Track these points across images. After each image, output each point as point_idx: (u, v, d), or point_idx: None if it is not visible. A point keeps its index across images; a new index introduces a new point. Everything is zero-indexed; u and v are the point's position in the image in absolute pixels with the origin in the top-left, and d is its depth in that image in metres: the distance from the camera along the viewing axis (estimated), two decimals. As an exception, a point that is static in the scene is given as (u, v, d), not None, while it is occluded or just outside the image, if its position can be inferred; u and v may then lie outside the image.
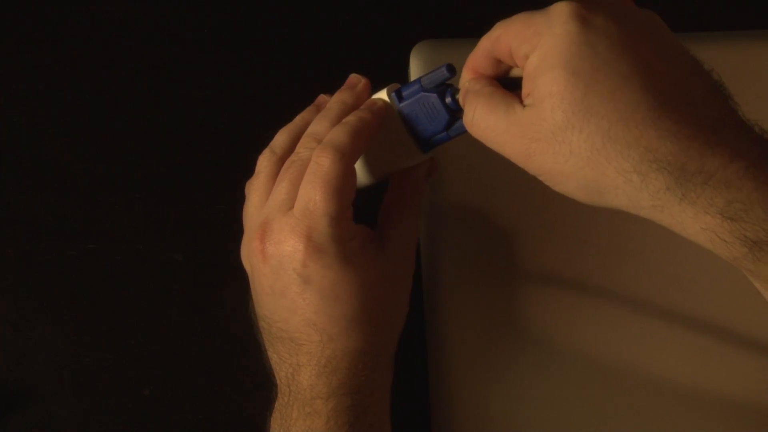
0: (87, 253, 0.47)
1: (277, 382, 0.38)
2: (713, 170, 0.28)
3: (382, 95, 0.39)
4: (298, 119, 0.41)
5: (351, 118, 0.37)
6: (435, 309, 0.44)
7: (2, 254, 0.47)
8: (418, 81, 0.38)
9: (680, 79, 0.30)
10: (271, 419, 0.38)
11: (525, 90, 0.32)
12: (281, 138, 0.40)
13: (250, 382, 0.45)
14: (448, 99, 0.37)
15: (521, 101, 0.32)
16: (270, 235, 0.36)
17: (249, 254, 0.38)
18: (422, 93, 0.37)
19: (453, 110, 0.37)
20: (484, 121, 0.33)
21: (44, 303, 0.46)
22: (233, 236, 0.40)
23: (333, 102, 0.39)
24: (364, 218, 0.38)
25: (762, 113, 0.30)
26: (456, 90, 0.37)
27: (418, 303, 0.45)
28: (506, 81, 0.35)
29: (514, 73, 0.35)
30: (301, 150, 0.37)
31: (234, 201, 0.41)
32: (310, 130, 0.38)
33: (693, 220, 0.29)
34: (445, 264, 0.44)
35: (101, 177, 0.48)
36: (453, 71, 0.36)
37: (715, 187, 0.28)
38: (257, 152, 0.40)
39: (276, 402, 0.38)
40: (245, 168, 0.40)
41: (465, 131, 0.37)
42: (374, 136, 0.38)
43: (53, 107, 0.48)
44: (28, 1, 0.49)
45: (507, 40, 0.32)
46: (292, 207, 0.36)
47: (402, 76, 0.46)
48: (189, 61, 0.49)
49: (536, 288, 0.44)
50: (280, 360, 0.37)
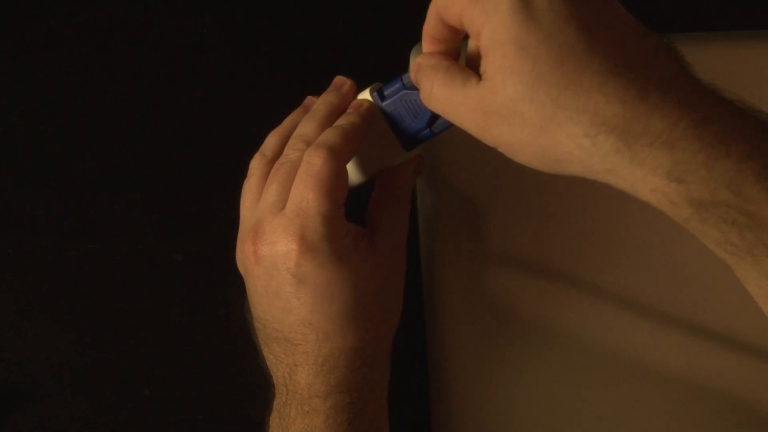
0: (87, 253, 0.47)
1: (275, 383, 0.38)
2: (659, 131, 0.28)
3: (365, 95, 0.39)
4: (287, 121, 0.41)
5: (341, 122, 0.38)
6: (435, 308, 0.44)
7: (2, 254, 0.47)
8: (399, 79, 0.38)
9: (627, 43, 0.30)
10: (270, 419, 0.38)
11: (481, 66, 0.32)
12: (271, 140, 0.40)
13: (250, 382, 0.45)
14: None
15: (478, 75, 0.33)
16: (262, 237, 0.36)
17: (242, 257, 0.38)
18: (404, 91, 0.38)
19: None
20: (443, 95, 0.34)
21: (44, 303, 0.46)
22: (233, 236, 0.40)
23: (319, 103, 0.40)
24: (353, 217, 0.38)
25: (762, 113, 0.30)
26: None
27: (418, 303, 0.45)
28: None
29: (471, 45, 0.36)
30: (290, 151, 0.38)
31: (234, 201, 0.41)
32: (298, 132, 0.39)
33: (642, 182, 0.29)
34: (445, 263, 0.44)
35: (101, 177, 0.48)
36: None
37: (661, 149, 0.28)
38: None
39: (274, 402, 0.38)
40: (245, 168, 0.40)
41: (448, 127, 0.37)
42: (364, 137, 0.38)
43: (53, 107, 0.48)
44: (28, 1, 0.49)
45: (456, 11, 0.33)
46: (283, 208, 0.36)
47: (395, 76, 0.46)
48: (189, 62, 0.49)
49: (536, 286, 0.44)
50: (277, 360, 0.38)
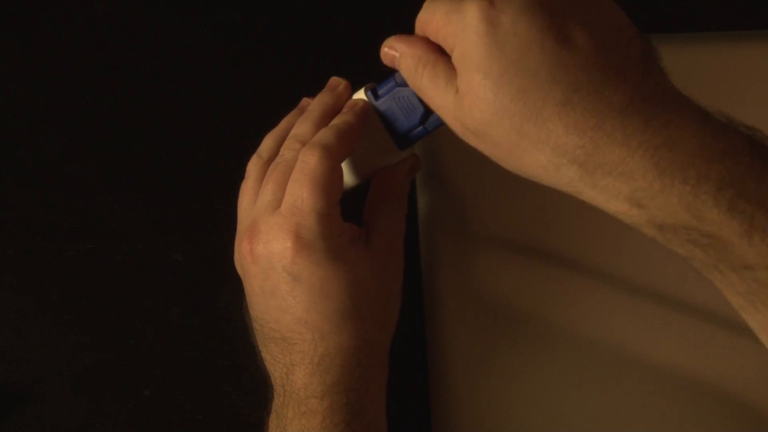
0: (87, 253, 0.47)
1: (272, 383, 0.38)
2: (616, 162, 0.29)
3: (360, 95, 0.39)
4: (283, 123, 0.42)
5: (336, 121, 0.38)
6: (435, 308, 0.44)
7: (2, 254, 0.47)
8: (393, 78, 0.38)
9: (597, 57, 0.30)
10: (269, 420, 0.38)
11: (457, 80, 0.33)
12: (268, 142, 0.41)
13: (250, 382, 0.45)
14: None
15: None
16: (258, 236, 0.36)
17: (239, 257, 0.38)
18: (397, 88, 0.38)
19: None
20: (429, 92, 0.35)
21: (44, 303, 0.46)
22: (233, 236, 0.40)
23: (314, 104, 0.40)
24: (350, 217, 0.38)
25: (762, 113, 0.30)
26: None
27: (418, 302, 0.45)
28: None
29: None
30: (285, 152, 0.38)
31: (234, 201, 0.41)
32: (293, 132, 0.39)
33: (606, 205, 0.31)
34: (445, 263, 0.44)
35: (101, 177, 0.48)
36: None
37: (619, 178, 0.29)
38: (257, 153, 0.40)
39: (272, 403, 0.38)
40: (245, 169, 0.40)
41: (441, 124, 0.37)
42: (359, 137, 0.38)
43: (53, 107, 0.48)
44: (28, 1, 0.49)
45: (434, 28, 0.34)
46: (279, 207, 0.36)
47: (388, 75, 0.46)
48: (189, 62, 0.49)
49: (536, 286, 0.44)
50: (274, 360, 0.38)
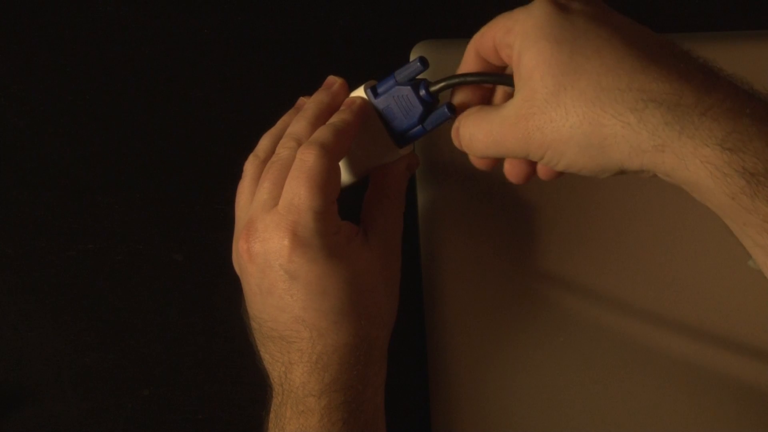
0: (87, 253, 0.47)
1: (271, 382, 0.38)
2: (710, 104, 0.28)
3: (360, 92, 0.39)
4: (280, 123, 0.42)
5: (334, 120, 0.38)
6: (434, 307, 0.44)
7: (2, 254, 0.47)
8: (393, 76, 0.38)
9: (660, 45, 0.31)
10: (267, 420, 0.38)
11: (516, 79, 0.33)
12: (264, 142, 0.41)
13: (250, 382, 0.45)
14: (422, 92, 0.37)
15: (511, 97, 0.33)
16: (255, 234, 0.36)
17: (236, 256, 0.38)
18: (396, 87, 0.38)
19: (427, 102, 0.37)
20: (481, 129, 0.34)
21: (44, 303, 0.46)
22: (233, 236, 0.40)
23: (310, 102, 0.40)
24: (347, 215, 0.38)
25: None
26: (430, 83, 0.37)
27: (418, 302, 0.45)
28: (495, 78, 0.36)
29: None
30: (281, 150, 0.38)
31: (233, 201, 0.41)
32: (289, 131, 0.39)
33: (693, 154, 0.29)
34: (445, 263, 0.44)
35: (101, 177, 0.48)
36: (426, 64, 0.37)
37: (713, 119, 0.28)
38: (257, 152, 0.40)
39: (271, 402, 0.38)
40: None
41: (440, 123, 0.38)
42: (356, 135, 0.38)
43: (53, 107, 0.48)
44: (28, 1, 0.49)
45: (491, 36, 0.34)
46: (275, 205, 0.36)
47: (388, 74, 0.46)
48: (189, 61, 0.49)
49: (536, 286, 0.44)
50: (272, 359, 0.38)
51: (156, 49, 0.49)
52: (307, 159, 0.36)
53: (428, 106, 0.38)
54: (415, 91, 0.38)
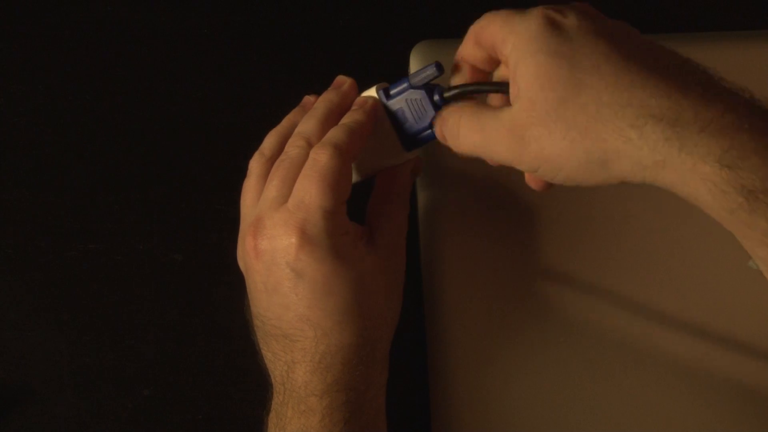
0: (87, 253, 0.47)
1: (272, 381, 0.38)
2: (708, 120, 0.28)
3: (371, 93, 0.39)
4: (285, 121, 0.42)
5: (346, 120, 0.38)
6: (435, 308, 0.44)
7: (2, 254, 0.47)
8: (407, 79, 0.38)
9: (657, 57, 0.31)
10: (268, 419, 0.38)
11: (512, 88, 0.32)
12: (270, 140, 0.41)
13: (250, 382, 0.45)
14: (436, 97, 0.37)
15: (507, 104, 0.33)
16: (262, 231, 0.36)
17: (242, 253, 0.38)
18: (410, 90, 0.38)
19: (440, 108, 0.37)
20: (473, 128, 0.34)
21: (44, 303, 0.46)
22: (233, 236, 0.40)
23: (319, 102, 0.40)
24: (353, 216, 0.38)
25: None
26: (444, 89, 0.37)
27: (418, 302, 0.45)
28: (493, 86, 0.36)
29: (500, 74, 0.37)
30: (290, 149, 0.38)
31: (234, 201, 0.41)
32: (298, 130, 0.39)
33: (692, 171, 0.29)
34: (445, 263, 0.44)
35: (101, 177, 0.48)
36: (441, 69, 0.37)
37: (712, 135, 0.28)
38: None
39: (272, 401, 0.38)
40: (245, 168, 0.40)
41: None
42: (369, 135, 0.38)
43: (53, 107, 0.48)
44: (28, 1, 0.49)
45: (489, 35, 0.34)
46: (284, 203, 0.36)
47: (402, 76, 0.46)
48: (189, 61, 0.49)
49: (536, 286, 0.44)
50: (275, 358, 0.37)
51: (156, 49, 0.49)
52: (321, 158, 0.36)
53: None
54: (429, 96, 0.37)
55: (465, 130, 0.35)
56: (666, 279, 0.44)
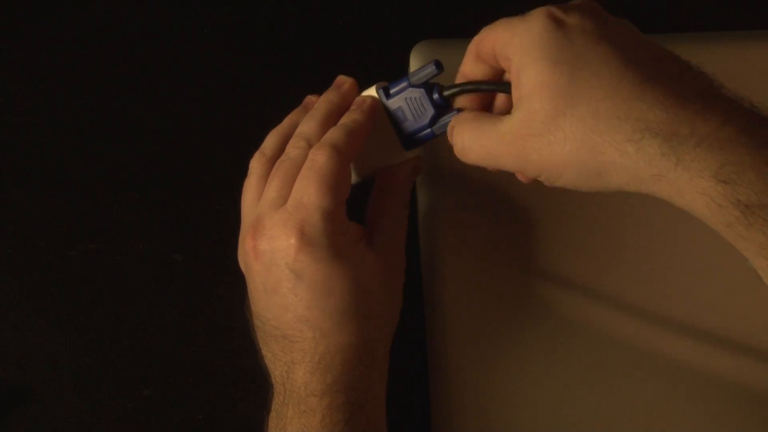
0: (87, 253, 0.47)
1: (273, 382, 0.38)
2: (705, 134, 0.28)
3: (371, 92, 0.39)
4: (287, 121, 0.42)
5: (345, 120, 0.38)
6: (435, 308, 0.44)
7: (2, 254, 0.47)
8: (406, 78, 0.38)
9: (658, 62, 0.31)
10: (268, 419, 0.38)
11: (514, 94, 0.33)
12: (271, 140, 0.41)
13: (250, 382, 0.45)
14: (435, 95, 0.37)
15: (507, 114, 0.33)
16: (262, 232, 0.36)
17: (242, 253, 0.38)
18: (409, 89, 0.38)
19: (439, 106, 0.37)
20: (476, 141, 0.34)
21: (44, 303, 0.46)
22: (233, 236, 0.40)
23: (320, 102, 0.40)
24: (352, 217, 0.38)
25: (762, 113, 0.30)
26: (443, 87, 0.37)
27: (418, 302, 0.45)
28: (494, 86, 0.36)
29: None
30: (291, 149, 0.38)
31: (234, 201, 0.41)
32: (299, 130, 0.39)
33: (689, 185, 0.29)
34: (445, 263, 0.44)
35: (101, 177, 0.48)
36: (441, 68, 0.37)
37: (708, 150, 0.28)
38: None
39: (272, 401, 0.38)
40: (245, 168, 0.40)
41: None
42: (368, 135, 0.38)
43: (53, 107, 0.48)
44: (29, 1, 0.49)
45: (490, 43, 0.34)
46: (284, 204, 0.36)
47: (401, 76, 0.46)
48: (189, 62, 0.49)
49: (536, 287, 0.44)
50: (275, 358, 0.38)
51: (156, 49, 0.49)
52: (319, 159, 0.36)
53: (440, 110, 0.38)
54: (428, 94, 0.37)
55: (469, 145, 0.35)
56: (666, 279, 0.44)
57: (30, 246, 0.47)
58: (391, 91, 0.39)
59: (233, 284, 0.41)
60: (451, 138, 0.36)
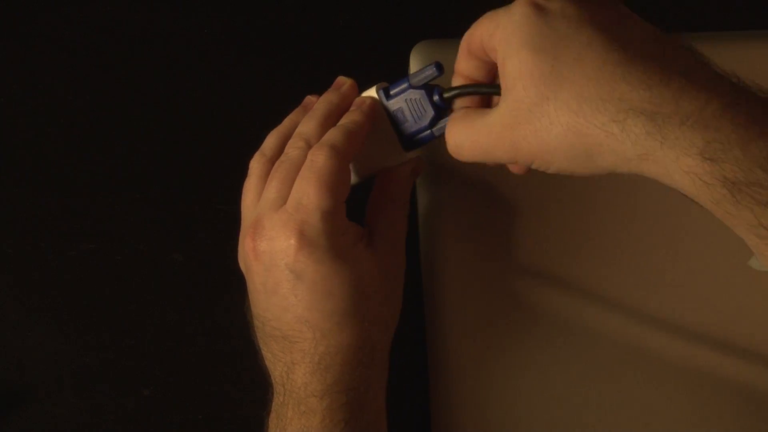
0: (87, 253, 0.47)
1: (272, 382, 0.38)
2: (689, 112, 0.28)
3: (371, 93, 0.39)
4: (287, 121, 0.42)
5: (344, 120, 0.38)
6: (435, 308, 0.44)
7: (2, 254, 0.47)
8: (407, 79, 0.38)
9: (644, 41, 0.31)
10: (268, 420, 0.38)
11: (501, 85, 0.33)
12: (271, 140, 0.41)
13: (250, 382, 0.45)
14: (435, 97, 0.37)
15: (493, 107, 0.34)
16: (262, 232, 0.36)
17: (242, 254, 0.38)
18: (410, 90, 0.38)
19: (439, 108, 0.37)
20: (468, 138, 0.34)
21: (44, 303, 0.46)
22: (233, 236, 0.40)
23: (319, 103, 0.40)
24: (352, 217, 0.38)
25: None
26: (443, 89, 0.37)
27: (418, 303, 0.45)
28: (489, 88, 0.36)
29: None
30: (290, 150, 0.38)
31: (234, 201, 0.41)
32: (298, 131, 0.39)
33: (675, 164, 0.29)
34: (445, 263, 0.44)
35: (101, 177, 0.48)
36: (441, 70, 0.37)
37: (693, 128, 0.28)
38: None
39: (272, 402, 0.38)
40: (245, 168, 0.40)
41: None
42: (367, 135, 0.38)
43: (53, 107, 0.48)
44: (29, 1, 0.49)
45: (478, 37, 0.34)
46: (283, 204, 0.36)
47: (402, 76, 0.46)
48: (189, 62, 0.49)
49: (536, 286, 0.44)
50: (275, 359, 0.38)
51: (156, 49, 0.49)
52: (317, 159, 0.36)
53: (440, 112, 0.38)
54: (428, 96, 0.37)
55: (461, 142, 0.35)
56: (667, 279, 0.44)
57: (30, 246, 0.47)
58: (392, 92, 0.39)
59: (233, 284, 0.41)
60: (447, 135, 0.36)
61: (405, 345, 0.42)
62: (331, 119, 0.39)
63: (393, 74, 0.41)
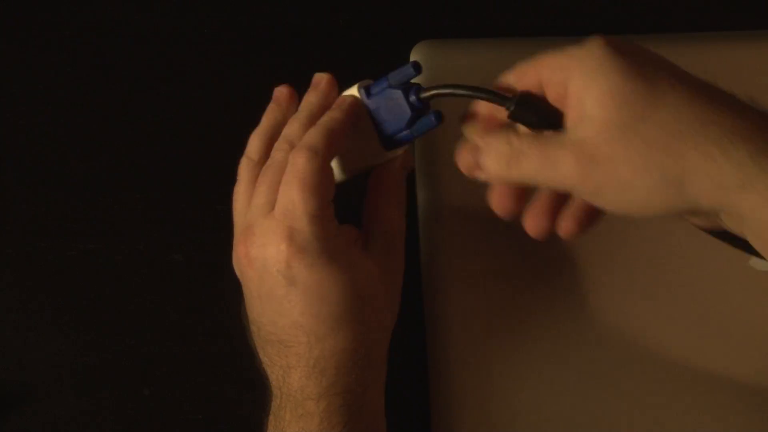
0: (87, 253, 0.47)
1: (270, 385, 0.38)
2: None
3: (353, 91, 0.39)
4: (265, 120, 0.41)
5: (324, 119, 0.38)
6: (434, 308, 0.44)
7: (2, 254, 0.47)
8: (386, 77, 0.38)
9: (718, 89, 0.31)
10: (267, 422, 0.38)
11: (571, 114, 0.31)
12: (255, 143, 0.40)
13: (250, 383, 0.45)
14: (412, 97, 0.37)
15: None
16: (253, 239, 0.36)
17: (236, 260, 0.38)
18: (388, 89, 0.37)
19: (416, 108, 0.37)
20: (533, 155, 0.32)
21: (44, 303, 0.46)
22: (233, 237, 0.40)
23: (302, 104, 0.40)
24: (350, 218, 0.38)
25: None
26: (421, 89, 0.37)
27: (418, 303, 0.45)
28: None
29: None
30: (275, 153, 0.38)
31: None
32: (283, 134, 0.39)
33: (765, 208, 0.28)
34: (445, 264, 0.44)
35: (101, 177, 0.48)
36: (419, 69, 0.37)
37: None
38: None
39: (271, 404, 0.38)
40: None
41: (427, 130, 0.37)
42: (348, 133, 0.38)
43: (53, 107, 0.48)
44: (29, 1, 0.49)
45: (535, 74, 0.33)
46: (272, 209, 0.36)
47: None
48: (189, 62, 0.49)
49: (536, 287, 0.44)
50: (271, 363, 0.38)
51: (156, 49, 0.49)
52: (298, 162, 0.35)
53: (417, 112, 0.37)
54: (405, 96, 0.37)
55: (520, 156, 0.32)
56: (668, 279, 0.44)
57: (30, 246, 0.47)
58: (372, 91, 0.38)
59: (233, 284, 0.41)
60: (467, 162, 0.34)
61: (405, 345, 0.42)
62: (314, 120, 0.38)
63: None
